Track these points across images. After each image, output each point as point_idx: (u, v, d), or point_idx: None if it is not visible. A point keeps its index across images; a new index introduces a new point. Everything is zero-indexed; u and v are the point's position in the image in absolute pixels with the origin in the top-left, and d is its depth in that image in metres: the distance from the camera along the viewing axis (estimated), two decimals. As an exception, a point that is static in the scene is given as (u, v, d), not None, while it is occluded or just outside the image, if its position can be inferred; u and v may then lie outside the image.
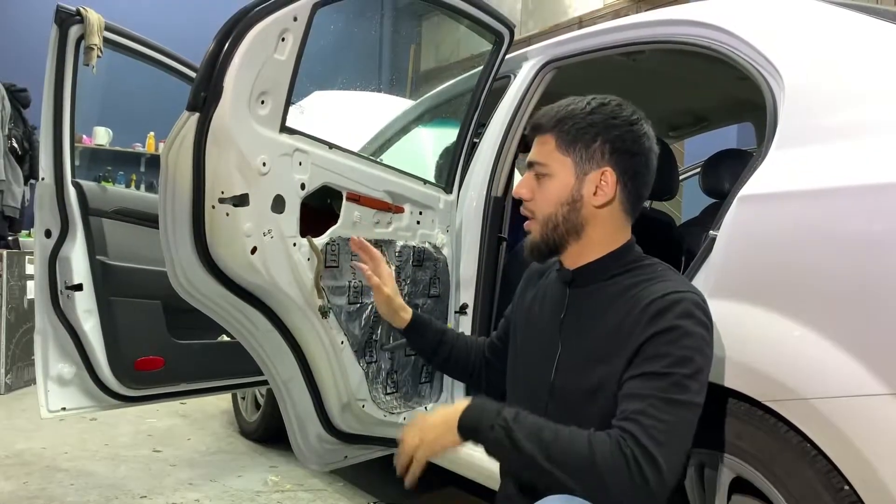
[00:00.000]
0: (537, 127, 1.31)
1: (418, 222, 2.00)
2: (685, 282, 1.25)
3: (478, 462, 2.05)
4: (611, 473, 1.05)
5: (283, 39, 1.52)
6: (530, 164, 1.31)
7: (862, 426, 1.16)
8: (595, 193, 1.27)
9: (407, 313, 1.58)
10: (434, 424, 1.20)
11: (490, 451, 1.17)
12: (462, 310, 2.11)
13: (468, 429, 1.18)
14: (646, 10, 2.34)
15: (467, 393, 2.18)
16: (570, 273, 1.34)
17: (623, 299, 1.24)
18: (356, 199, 1.76)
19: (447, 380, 2.14)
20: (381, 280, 1.54)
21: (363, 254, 1.57)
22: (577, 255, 1.32)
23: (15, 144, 5.55)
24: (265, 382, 2.50)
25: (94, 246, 2.26)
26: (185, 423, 3.67)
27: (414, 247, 1.98)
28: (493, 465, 1.90)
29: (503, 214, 2.18)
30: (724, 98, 2.76)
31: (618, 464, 1.05)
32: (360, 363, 1.83)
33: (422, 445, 1.20)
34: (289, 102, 1.57)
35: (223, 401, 3.86)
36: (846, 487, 1.19)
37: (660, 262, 1.32)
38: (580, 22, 6.61)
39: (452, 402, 2.16)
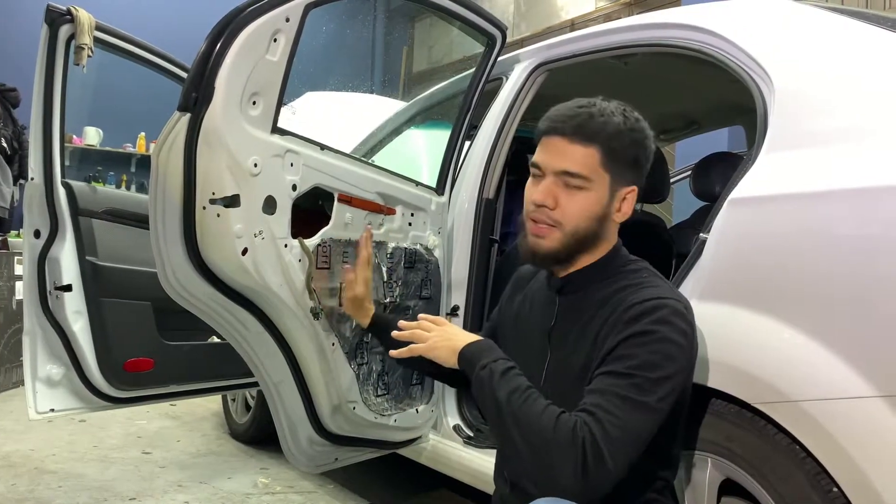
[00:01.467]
0: (582, 133, 1.25)
1: (410, 224, 2.00)
2: (670, 289, 1.26)
3: (468, 464, 2.05)
4: (559, 451, 1.07)
5: (275, 40, 1.52)
6: (565, 173, 1.25)
7: (850, 428, 1.17)
8: (619, 210, 1.29)
9: (369, 312, 1.68)
10: (447, 338, 1.31)
11: (473, 387, 1.24)
12: (453, 311, 2.11)
13: (465, 359, 1.26)
14: (637, 14, 2.34)
15: (459, 395, 2.18)
16: (560, 281, 1.34)
17: (608, 306, 1.24)
18: (348, 200, 1.76)
19: (438, 382, 2.14)
20: (356, 279, 1.66)
21: (359, 248, 1.71)
22: (570, 264, 1.32)
23: (4, 144, 5.52)
24: (255, 384, 2.50)
25: (84, 247, 2.24)
26: (175, 424, 3.65)
27: (406, 248, 1.98)
28: (485, 468, 1.91)
29: (495, 216, 2.18)
30: (716, 101, 2.78)
31: (568, 445, 1.07)
32: (350, 365, 1.83)
33: (427, 345, 1.31)
34: (280, 103, 1.56)
35: (213, 402, 3.85)
36: (835, 489, 1.20)
37: (647, 266, 1.32)
38: (572, 24, 6.63)
39: (443, 404, 2.16)
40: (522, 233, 1.32)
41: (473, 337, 1.31)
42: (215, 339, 2.61)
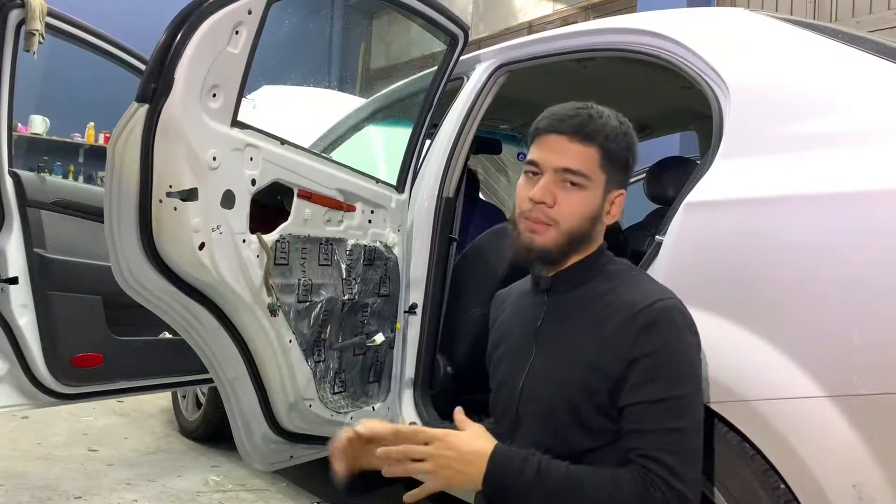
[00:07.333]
0: (583, 133, 1.25)
1: (370, 221, 1.99)
2: (662, 287, 1.28)
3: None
4: None
5: (236, 32, 1.51)
6: (566, 170, 1.25)
7: (798, 427, 1.21)
8: (609, 212, 1.30)
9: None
10: (453, 464, 1.20)
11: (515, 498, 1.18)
12: (411, 309, 2.12)
13: (496, 482, 1.18)
14: (594, 18, 2.38)
15: (415, 393, 2.18)
16: (549, 280, 1.33)
17: (602, 304, 1.25)
18: (308, 196, 1.75)
19: (395, 379, 2.14)
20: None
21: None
22: (560, 263, 1.32)
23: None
24: (207, 381, 2.48)
25: (32, 238, 2.19)
26: (123, 421, 3.58)
27: (365, 245, 1.97)
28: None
29: (454, 215, 2.19)
30: (671, 107, 2.83)
31: None
32: (308, 362, 1.82)
33: (437, 481, 1.23)
34: (241, 96, 1.55)
35: (162, 399, 3.78)
36: (782, 486, 1.24)
37: (627, 263, 1.35)
38: (530, 26, 6.69)
39: (400, 402, 2.15)
40: (515, 232, 1.31)
41: (475, 452, 1.19)
42: (167, 335, 2.57)
